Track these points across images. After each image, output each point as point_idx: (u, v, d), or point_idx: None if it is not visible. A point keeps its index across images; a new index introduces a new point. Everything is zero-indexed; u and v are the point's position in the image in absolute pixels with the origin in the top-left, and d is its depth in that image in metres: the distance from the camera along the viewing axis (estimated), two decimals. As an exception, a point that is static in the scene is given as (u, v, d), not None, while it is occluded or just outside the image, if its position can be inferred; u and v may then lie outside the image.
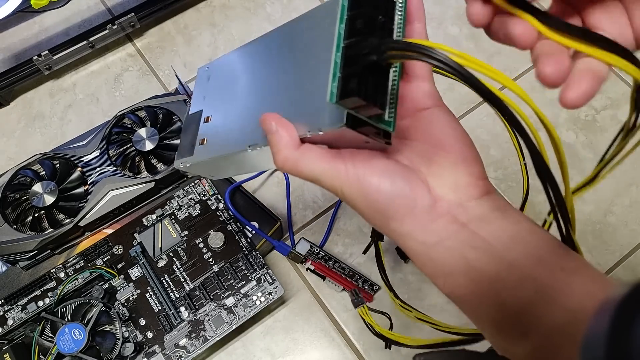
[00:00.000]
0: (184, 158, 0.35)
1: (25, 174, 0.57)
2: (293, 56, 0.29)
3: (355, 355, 0.57)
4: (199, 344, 0.52)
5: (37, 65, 0.68)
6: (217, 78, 0.36)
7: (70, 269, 0.54)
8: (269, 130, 0.27)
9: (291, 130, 0.27)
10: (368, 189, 0.26)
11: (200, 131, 0.35)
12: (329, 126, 0.25)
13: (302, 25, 0.29)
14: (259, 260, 0.55)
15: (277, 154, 0.27)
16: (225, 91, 0.34)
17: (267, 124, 0.27)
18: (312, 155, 0.27)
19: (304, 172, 0.27)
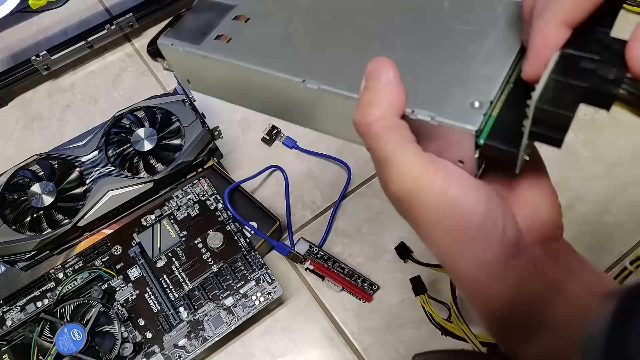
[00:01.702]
0: (180, 41, 0.28)
1: (23, 175, 0.57)
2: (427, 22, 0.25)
3: (355, 355, 0.57)
4: (198, 344, 0.52)
5: (35, 65, 0.68)
6: None
7: (69, 269, 0.54)
8: (378, 76, 0.22)
9: (403, 94, 0.22)
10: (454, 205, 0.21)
11: (223, 25, 0.28)
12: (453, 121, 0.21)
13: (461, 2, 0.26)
14: (258, 260, 0.55)
15: (371, 107, 0.21)
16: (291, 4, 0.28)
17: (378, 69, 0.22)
18: (407, 135, 0.22)
19: (385, 147, 0.21)
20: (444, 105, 0.22)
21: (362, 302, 0.59)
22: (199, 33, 0.28)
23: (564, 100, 0.19)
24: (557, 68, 0.20)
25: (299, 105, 0.26)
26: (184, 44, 0.28)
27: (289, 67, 0.25)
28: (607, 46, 0.20)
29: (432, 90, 0.22)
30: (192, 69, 0.29)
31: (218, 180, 0.59)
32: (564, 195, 0.65)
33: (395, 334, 0.57)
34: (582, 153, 0.67)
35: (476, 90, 0.22)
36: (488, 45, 0.23)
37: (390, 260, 0.61)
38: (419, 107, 0.22)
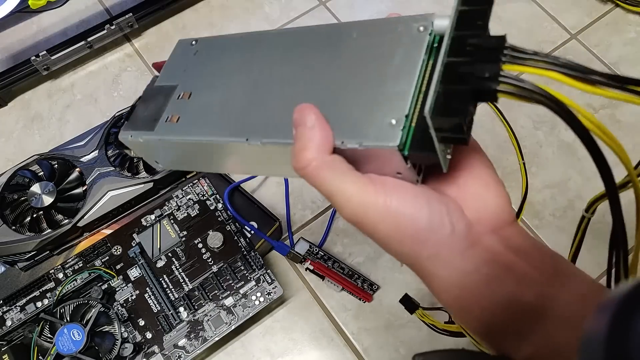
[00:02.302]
0: (137, 131, 0.31)
1: (23, 175, 0.57)
2: (340, 56, 0.27)
3: (355, 355, 0.57)
4: (198, 344, 0.52)
5: (35, 65, 0.68)
6: (210, 55, 0.32)
7: (69, 269, 0.54)
8: (303, 122, 0.24)
9: (329, 132, 0.24)
10: (400, 217, 0.23)
11: (170, 106, 0.31)
12: (376, 143, 0.23)
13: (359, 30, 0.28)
14: (258, 260, 0.55)
15: (303, 151, 0.24)
16: (223, 72, 0.31)
17: (302, 116, 0.24)
18: (340, 167, 0.24)
19: (325, 183, 0.24)
20: (368, 130, 0.24)
21: (362, 302, 0.59)
22: (151, 119, 0.31)
23: (454, 105, 0.21)
24: (442, 78, 0.22)
25: (251, 159, 0.29)
26: (140, 132, 0.30)
27: (233, 131, 0.28)
28: (480, 46, 0.22)
29: (355, 118, 0.24)
30: (154, 152, 0.32)
31: (218, 180, 0.59)
32: (564, 195, 0.65)
33: (395, 333, 0.57)
34: (582, 153, 0.67)
35: (391, 109, 0.24)
36: (395, 63, 0.25)
37: (390, 260, 0.61)
38: (346, 137, 0.24)
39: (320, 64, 0.28)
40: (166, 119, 0.30)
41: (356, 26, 0.28)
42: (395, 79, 0.24)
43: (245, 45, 0.31)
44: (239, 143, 0.27)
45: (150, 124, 0.30)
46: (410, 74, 0.24)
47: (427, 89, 0.24)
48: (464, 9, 0.23)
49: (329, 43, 0.28)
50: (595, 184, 0.64)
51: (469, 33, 0.23)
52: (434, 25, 0.25)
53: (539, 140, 0.68)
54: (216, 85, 0.30)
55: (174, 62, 0.33)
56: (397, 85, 0.24)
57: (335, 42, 0.28)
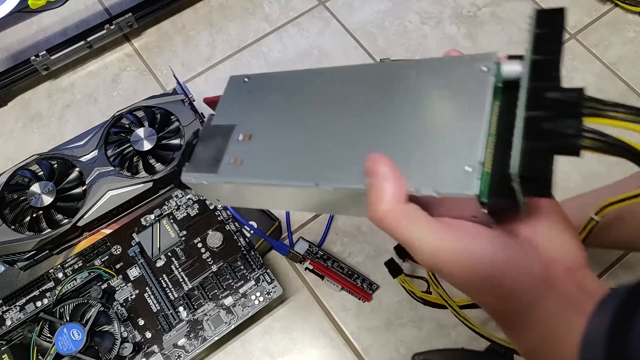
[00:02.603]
0: (200, 173, 0.31)
1: (23, 175, 0.57)
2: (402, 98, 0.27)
3: (354, 355, 0.57)
4: (197, 343, 0.52)
5: (34, 65, 0.68)
6: (265, 94, 0.32)
7: (68, 269, 0.54)
8: (376, 174, 0.24)
9: (402, 181, 0.24)
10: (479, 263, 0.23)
11: (231, 148, 0.31)
12: (454, 191, 0.23)
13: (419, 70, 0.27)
14: (258, 260, 0.55)
15: (379, 203, 0.24)
16: (282, 113, 0.31)
17: (375, 166, 0.24)
18: (416, 215, 0.24)
19: (402, 233, 0.24)
20: (442, 177, 0.24)
21: (362, 302, 0.59)
22: (212, 161, 0.31)
23: (539, 163, 0.21)
24: (525, 134, 0.22)
25: (317, 201, 0.29)
26: (203, 175, 0.31)
27: (300, 175, 0.28)
28: (561, 101, 0.22)
29: (427, 164, 0.24)
30: (217, 192, 0.32)
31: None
32: (565, 195, 0.65)
33: (395, 333, 0.58)
34: (582, 152, 0.67)
35: (464, 155, 0.24)
36: (460, 106, 0.25)
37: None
38: (421, 184, 0.24)
39: (382, 106, 0.28)
40: (228, 161, 0.30)
41: (415, 66, 0.28)
42: (464, 124, 0.24)
43: (301, 84, 0.31)
44: (308, 187, 0.27)
45: (212, 166, 0.30)
46: (479, 118, 0.24)
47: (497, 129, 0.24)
48: (536, 59, 0.23)
49: (389, 83, 0.28)
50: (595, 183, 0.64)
51: (545, 85, 0.22)
52: (503, 70, 0.25)
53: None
54: (276, 126, 0.30)
55: (229, 100, 0.33)
56: (467, 130, 0.24)
57: (395, 82, 0.28)
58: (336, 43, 0.76)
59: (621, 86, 0.71)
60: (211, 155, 0.31)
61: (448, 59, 0.27)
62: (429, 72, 0.27)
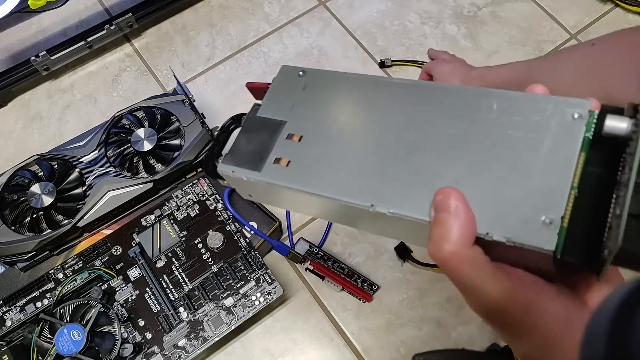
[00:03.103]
0: (241, 168, 0.28)
1: (23, 175, 0.57)
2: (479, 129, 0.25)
3: (355, 355, 0.57)
4: (198, 344, 0.52)
5: (34, 66, 0.68)
6: (323, 94, 0.30)
7: (68, 269, 0.54)
8: (447, 208, 0.22)
9: (473, 222, 0.22)
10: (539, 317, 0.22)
11: (279, 147, 0.28)
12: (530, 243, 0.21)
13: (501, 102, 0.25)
14: (258, 260, 0.55)
15: (444, 241, 0.22)
16: (340, 119, 0.28)
17: (447, 201, 0.23)
18: (480, 260, 0.23)
19: (462, 277, 0.22)
20: (517, 226, 0.22)
21: (362, 302, 0.59)
22: (256, 157, 0.28)
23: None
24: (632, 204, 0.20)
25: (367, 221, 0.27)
26: (245, 170, 0.28)
27: (354, 192, 0.25)
28: None
29: (502, 208, 0.23)
30: (255, 190, 0.30)
31: (218, 180, 0.59)
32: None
33: (396, 333, 0.57)
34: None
35: (544, 205, 0.22)
36: (545, 152, 0.23)
37: (390, 259, 0.61)
38: (492, 228, 0.22)
39: (456, 134, 0.25)
40: (274, 160, 0.28)
41: (497, 96, 0.26)
42: (547, 171, 0.23)
43: (365, 91, 0.29)
44: (363, 207, 0.25)
45: (256, 162, 0.28)
46: (566, 169, 0.22)
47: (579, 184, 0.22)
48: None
49: (465, 109, 0.26)
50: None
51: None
52: (606, 125, 0.23)
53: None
54: (332, 132, 0.28)
55: (279, 93, 0.31)
56: (550, 178, 0.22)
57: (472, 109, 0.26)
58: (336, 43, 0.76)
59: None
60: (255, 149, 0.29)
61: (536, 97, 0.25)
62: (514, 107, 0.25)
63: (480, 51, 0.74)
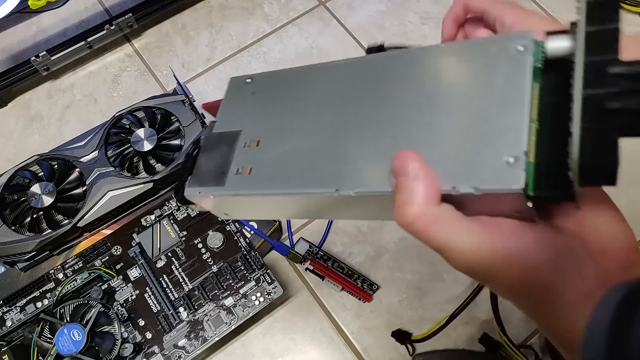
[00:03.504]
0: (205, 187, 0.28)
1: (23, 175, 0.57)
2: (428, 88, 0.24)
3: (355, 355, 0.57)
4: (198, 344, 0.52)
5: (35, 66, 0.68)
6: (271, 95, 0.29)
7: (68, 269, 0.54)
8: (405, 172, 0.22)
9: (435, 180, 0.21)
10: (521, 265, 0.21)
11: (238, 157, 0.28)
12: (497, 186, 0.20)
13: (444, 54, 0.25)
14: (258, 260, 0.55)
15: (408, 206, 0.21)
16: (291, 114, 0.28)
17: (403, 165, 0.22)
18: (450, 217, 0.22)
19: (434, 238, 0.22)
20: (482, 172, 0.21)
21: (362, 302, 0.59)
22: (219, 173, 0.28)
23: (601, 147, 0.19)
24: (586, 116, 0.19)
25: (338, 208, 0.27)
26: (210, 188, 0.28)
27: (318, 181, 0.25)
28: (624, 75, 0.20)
29: (463, 158, 0.22)
30: (225, 206, 0.30)
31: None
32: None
33: (395, 333, 0.57)
34: None
35: (504, 145, 0.21)
36: (497, 93, 0.22)
37: (390, 260, 0.61)
38: (457, 181, 0.21)
39: (406, 98, 0.25)
40: (236, 171, 0.27)
41: (439, 51, 0.25)
42: (502, 111, 0.22)
43: (311, 81, 0.29)
44: (328, 193, 0.25)
45: (218, 177, 0.28)
46: (520, 103, 0.21)
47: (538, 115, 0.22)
48: (591, 30, 0.20)
49: (411, 72, 0.25)
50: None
51: (604, 59, 0.20)
52: (548, 48, 0.22)
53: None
54: (286, 129, 0.28)
55: (231, 104, 0.30)
56: (507, 117, 0.22)
57: (418, 70, 0.25)
58: (336, 43, 0.76)
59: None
60: (216, 165, 0.28)
61: (477, 41, 0.25)
62: (461, 57, 0.24)
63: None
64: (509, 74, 0.22)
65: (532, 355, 0.56)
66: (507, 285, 0.22)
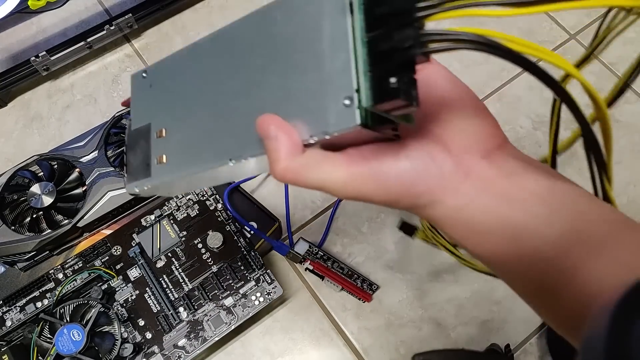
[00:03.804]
0: (139, 181, 0.31)
1: (23, 175, 0.57)
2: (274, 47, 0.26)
3: (354, 355, 0.57)
4: (198, 344, 0.52)
5: (34, 66, 0.68)
6: (163, 84, 0.31)
7: (68, 269, 0.54)
8: (267, 135, 0.24)
9: (293, 134, 0.24)
10: (387, 181, 0.24)
11: (154, 148, 0.31)
12: (338, 128, 0.23)
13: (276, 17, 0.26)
14: (258, 260, 0.55)
15: (276, 162, 0.24)
16: (180, 98, 0.30)
17: (264, 128, 0.24)
18: (315, 159, 0.24)
19: (309, 182, 0.24)
20: (327, 118, 0.23)
21: (362, 302, 0.59)
22: (144, 165, 0.31)
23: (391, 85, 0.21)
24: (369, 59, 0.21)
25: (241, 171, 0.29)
26: (142, 181, 0.31)
27: (215, 156, 0.28)
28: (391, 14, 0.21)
29: (311, 109, 0.24)
30: (163, 190, 0.33)
31: (218, 181, 0.59)
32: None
33: (395, 333, 0.58)
34: (582, 153, 0.67)
35: (340, 87, 0.23)
36: (327, 37, 0.24)
37: (390, 260, 0.61)
38: (312, 131, 0.24)
39: (260, 62, 0.27)
40: (155, 162, 0.30)
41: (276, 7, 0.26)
42: (332, 54, 0.23)
43: (190, 62, 0.30)
44: (225, 165, 0.27)
45: (145, 170, 0.31)
46: (343, 43, 0.23)
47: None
48: None
49: (259, 36, 0.27)
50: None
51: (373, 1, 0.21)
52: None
53: (538, 140, 0.68)
54: (182, 114, 0.30)
55: (137, 100, 0.33)
56: (335, 60, 0.23)
57: (264, 33, 0.27)
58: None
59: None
60: (141, 159, 0.31)
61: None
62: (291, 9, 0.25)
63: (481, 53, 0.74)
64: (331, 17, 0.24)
65: (533, 356, 0.56)
66: (382, 202, 0.25)
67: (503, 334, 0.57)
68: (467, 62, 0.73)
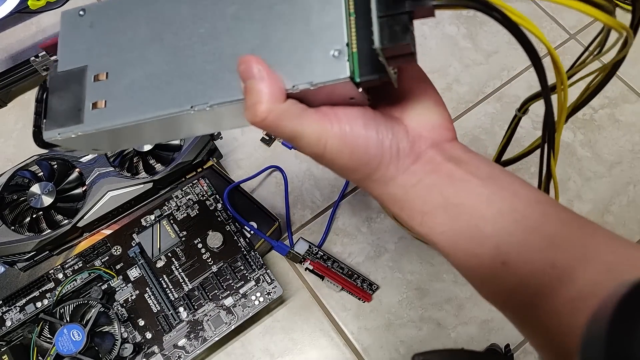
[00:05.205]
0: (65, 127, 0.28)
1: (23, 175, 0.57)
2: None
3: (354, 355, 0.57)
4: (198, 344, 0.52)
5: (34, 66, 0.68)
6: (108, 25, 0.29)
7: (68, 269, 0.54)
8: (251, 75, 0.24)
9: (278, 80, 0.24)
10: (354, 145, 0.25)
11: (90, 92, 0.28)
12: (327, 78, 0.23)
13: None
14: (258, 260, 0.55)
15: (258, 105, 0.24)
16: (129, 40, 0.28)
17: (248, 68, 0.24)
18: (296, 110, 0.25)
19: (285, 130, 0.25)
20: (314, 68, 0.24)
21: (362, 302, 0.59)
22: (74, 111, 0.28)
23: (398, 31, 0.22)
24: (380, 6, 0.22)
25: (198, 123, 0.28)
26: (69, 128, 0.28)
27: (172, 102, 0.26)
28: None
29: (296, 58, 0.24)
30: (90, 142, 0.30)
31: (217, 181, 0.59)
32: (564, 195, 0.65)
33: (395, 333, 0.58)
34: (582, 153, 0.67)
35: (329, 40, 0.24)
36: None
37: (390, 260, 0.61)
38: (295, 80, 0.24)
39: (235, 9, 0.26)
40: (91, 107, 0.28)
41: None
42: (322, 9, 0.24)
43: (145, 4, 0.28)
44: (185, 112, 0.26)
45: (75, 116, 0.28)
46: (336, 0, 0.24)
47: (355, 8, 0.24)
48: None
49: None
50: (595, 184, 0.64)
51: None
52: None
53: (539, 140, 0.68)
54: (133, 57, 0.28)
55: (69, 41, 0.30)
56: (326, 14, 0.24)
57: None
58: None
59: (621, 86, 0.71)
60: (70, 105, 0.28)
61: None
62: None
63: (480, 51, 0.74)
64: None
65: (532, 356, 0.56)
66: (342, 166, 0.26)
67: (503, 334, 0.57)
68: (467, 62, 0.73)
